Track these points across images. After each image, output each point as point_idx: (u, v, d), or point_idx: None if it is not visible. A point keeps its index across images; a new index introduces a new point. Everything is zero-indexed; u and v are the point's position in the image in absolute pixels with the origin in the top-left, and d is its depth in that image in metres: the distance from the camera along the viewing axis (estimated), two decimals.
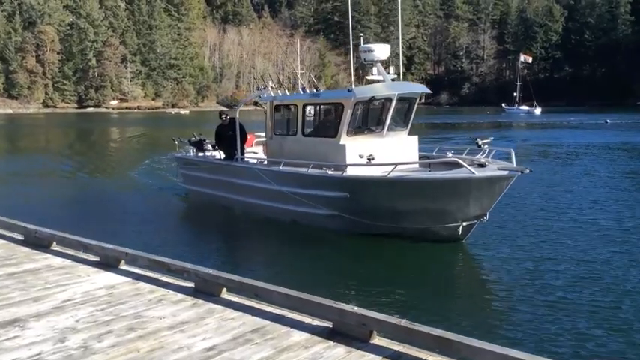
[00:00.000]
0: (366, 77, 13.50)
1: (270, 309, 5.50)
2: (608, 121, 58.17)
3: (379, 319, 4.69)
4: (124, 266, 7.03)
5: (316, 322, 5.14)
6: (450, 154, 13.40)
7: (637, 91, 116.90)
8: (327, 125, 13.86)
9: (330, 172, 12.25)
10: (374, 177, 11.69)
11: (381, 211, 11.59)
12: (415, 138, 13.88)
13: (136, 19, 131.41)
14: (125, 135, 53.19)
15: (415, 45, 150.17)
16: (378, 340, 4.74)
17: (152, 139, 46.53)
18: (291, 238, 12.71)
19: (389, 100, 13.14)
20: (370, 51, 13.51)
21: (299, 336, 4.89)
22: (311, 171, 12.47)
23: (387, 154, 12.70)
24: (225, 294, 5.90)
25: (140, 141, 46.10)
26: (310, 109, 14.10)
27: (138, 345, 4.72)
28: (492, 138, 13.11)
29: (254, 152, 16.45)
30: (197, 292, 5.99)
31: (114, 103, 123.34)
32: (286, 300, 5.36)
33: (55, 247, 7.97)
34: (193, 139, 17.51)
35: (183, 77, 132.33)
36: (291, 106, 14.28)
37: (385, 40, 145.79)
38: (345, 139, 12.89)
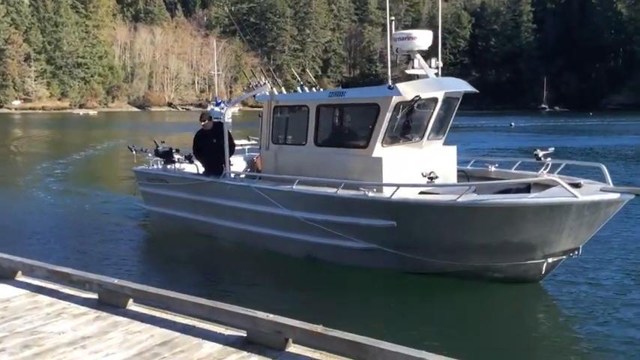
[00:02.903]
0: (405, 71, 10.73)
1: (180, 320, 5.23)
2: (512, 124, 61.13)
3: (294, 326, 4.56)
4: (20, 278, 6.54)
5: (229, 331, 4.94)
6: (492, 168, 11.37)
7: (539, 95, 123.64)
8: (354, 132, 11.06)
9: (370, 194, 9.48)
10: (437, 201, 9.08)
11: (441, 245, 9.14)
12: (454, 148, 11.31)
13: (41, 15, 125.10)
14: (27, 137, 50.39)
15: (331, 48, 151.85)
16: (293, 348, 4.61)
17: (56, 141, 44.26)
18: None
19: (433, 100, 10.57)
20: (409, 38, 10.55)
21: (211, 347, 4.67)
22: (343, 192, 9.66)
23: (425, 168, 10.28)
24: (131, 305, 5.57)
25: (45, 142, 43.76)
26: (328, 112, 11.08)
27: None
28: (553, 148, 10.83)
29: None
30: (101, 305, 5.63)
31: (16, 103, 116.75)
32: (197, 309, 5.12)
33: None
34: (159, 147, 13.77)
35: (91, 77, 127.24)
36: (300, 108, 11.44)
37: (302, 43, 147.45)
38: (379, 151, 10.10)
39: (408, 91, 9.90)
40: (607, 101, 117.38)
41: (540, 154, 10.64)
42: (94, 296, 5.80)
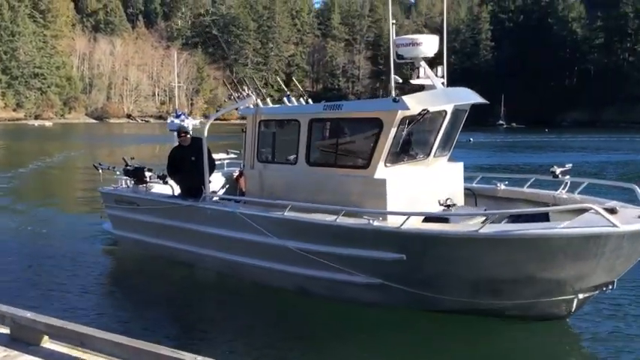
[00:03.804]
0: (410, 81, 9.56)
1: None
2: (471, 139, 61.76)
3: None
4: None
5: None
6: (502, 186, 10.42)
7: (496, 111, 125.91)
8: (353, 150, 9.77)
9: (376, 223, 8.26)
10: (455, 232, 7.93)
11: (457, 282, 8.09)
12: (460, 165, 10.31)
13: None
14: None
15: (294, 62, 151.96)
16: None
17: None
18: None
19: (442, 114, 9.51)
20: (414, 44, 9.29)
21: None
22: (343, 220, 8.51)
23: (431, 189, 9.42)
24: (47, 342, 4.98)
25: None
26: (323, 128, 9.95)
27: None
28: (570, 165, 9.98)
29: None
30: (13, 341, 5.01)
31: None
32: (119, 350, 4.57)
33: None
34: (128, 166, 12.20)
35: (48, 87, 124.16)
36: (290, 123, 10.22)
37: (265, 57, 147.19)
38: (382, 171, 8.95)
39: (415, 104, 8.66)
40: (562, 118, 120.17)
41: (557, 171, 9.75)
42: (6, 331, 5.18)
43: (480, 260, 7.76)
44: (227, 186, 12.58)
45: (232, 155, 13.71)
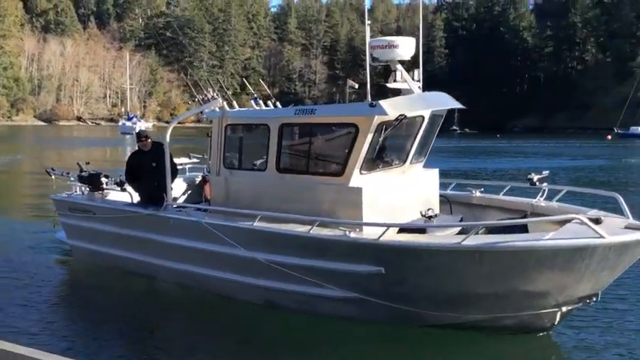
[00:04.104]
0: (387, 85, 9.27)
1: None
2: None
3: None
4: None
5: None
6: (477, 193, 10.21)
7: (450, 117, 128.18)
8: (327, 157, 9.45)
9: (353, 235, 7.95)
10: (438, 244, 7.61)
11: (439, 296, 7.81)
12: (436, 172, 9.99)
13: None
14: None
15: (250, 66, 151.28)
16: None
17: None
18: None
19: (419, 119, 9.26)
20: (390, 46, 8.95)
21: None
22: (318, 232, 8.09)
23: (408, 196, 9.12)
24: None
25: None
26: (294, 133, 9.53)
27: None
28: (547, 172, 9.84)
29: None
30: None
31: None
32: None
33: None
34: (84, 172, 11.55)
35: None
36: (259, 127, 9.74)
37: (220, 60, 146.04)
38: (357, 179, 8.59)
39: (392, 108, 8.35)
40: (513, 124, 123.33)
41: (535, 178, 9.59)
42: None
43: (463, 273, 7.48)
44: (190, 192, 12.08)
45: (195, 160, 13.20)
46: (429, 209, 8.66)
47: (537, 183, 9.55)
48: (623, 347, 7.81)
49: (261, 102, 10.33)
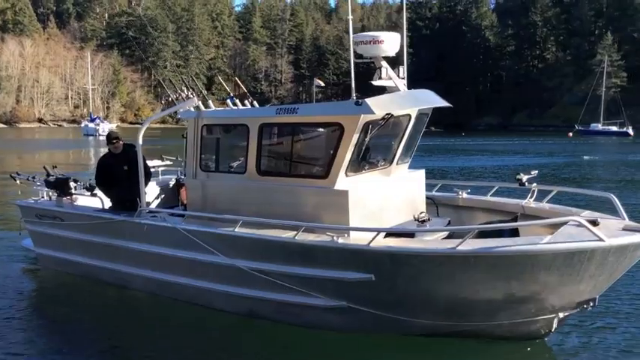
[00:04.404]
0: (371, 82, 8.79)
1: None
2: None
3: None
4: None
5: None
6: (464, 194, 9.95)
7: None
8: (310, 158, 9.09)
9: (341, 241, 7.51)
10: (431, 250, 7.23)
11: (432, 303, 7.48)
12: (422, 173, 9.72)
13: None
14: None
15: (215, 65, 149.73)
16: None
17: None
18: None
19: (406, 118, 8.97)
20: (375, 42, 8.54)
21: None
22: (303, 238, 7.74)
23: (394, 199, 8.83)
24: None
25: None
26: (275, 133, 9.11)
27: None
28: (536, 172, 9.55)
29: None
30: None
31: None
32: None
33: None
34: (51, 176, 11.10)
35: None
36: (237, 128, 9.33)
37: (184, 59, 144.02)
38: (343, 181, 8.21)
39: (379, 107, 7.95)
40: (477, 122, 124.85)
41: (524, 178, 9.30)
42: None
43: (457, 279, 7.16)
44: (163, 197, 11.69)
45: (168, 162, 12.81)
46: (421, 213, 8.51)
47: (526, 183, 9.29)
48: (620, 350, 7.72)
49: (237, 101, 9.95)
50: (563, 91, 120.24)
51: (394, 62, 9.03)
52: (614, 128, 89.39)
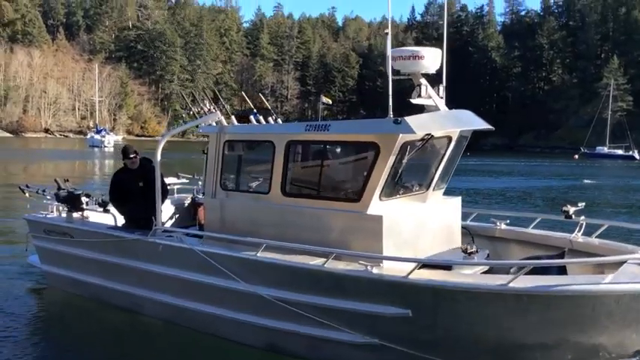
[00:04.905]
0: (410, 100, 8.13)
1: None
2: None
3: None
4: None
5: None
6: (502, 225, 9.25)
7: None
8: (341, 180, 8.42)
9: (376, 271, 6.84)
10: (479, 286, 6.52)
11: (476, 344, 6.73)
12: (458, 200, 8.96)
13: None
14: None
15: (222, 80, 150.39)
16: None
17: None
18: None
19: (447, 140, 8.27)
20: (415, 57, 7.89)
21: None
22: (334, 267, 7.07)
23: (430, 227, 8.16)
24: None
25: None
26: (303, 152, 8.48)
27: None
28: (584, 204, 8.93)
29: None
30: None
31: None
32: None
33: None
34: (62, 190, 10.42)
35: None
36: (262, 144, 8.76)
37: (192, 74, 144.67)
38: (377, 206, 7.54)
39: (419, 126, 7.25)
40: (483, 142, 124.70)
41: (571, 210, 8.59)
42: None
43: (506, 320, 6.44)
44: (178, 216, 11.15)
45: (184, 180, 12.26)
46: (468, 244, 7.88)
47: (573, 216, 8.58)
48: None
49: (260, 117, 9.41)
50: (569, 113, 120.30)
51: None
52: (620, 152, 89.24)
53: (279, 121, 9.75)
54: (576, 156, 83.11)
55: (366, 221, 7.47)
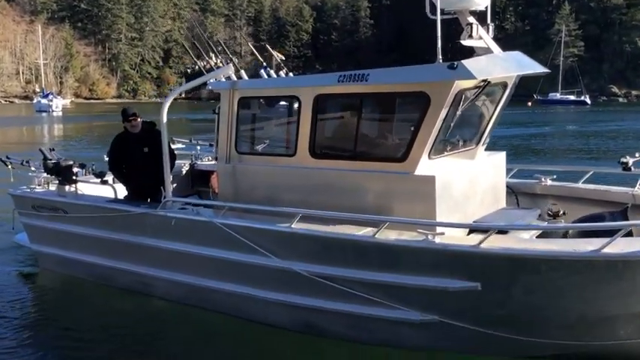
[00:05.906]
0: (460, 42, 7.13)
1: None
2: None
3: None
4: None
5: None
6: (548, 182, 8.44)
7: None
8: (383, 137, 7.50)
9: (438, 240, 6.02)
10: (564, 253, 5.70)
11: (555, 319, 6.03)
12: (503, 156, 8.08)
13: None
14: None
15: (172, 38, 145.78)
16: None
17: None
18: None
19: (501, 86, 7.39)
20: None
21: None
22: (385, 237, 6.24)
23: (478, 187, 7.35)
24: None
25: None
26: (335, 107, 7.62)
27: None
28: None
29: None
30: None
31: None
32: None
33: None
34: (50, 160, 9.26)
35: None
36: (284, 100, 7.96)
37: (140, 32, 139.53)
38: (426, 165, 6.72)
39: (478, 71, 6.32)
40: None
41: (630, 161, 7.84)
42: None
43: (593, 290, 5.75)
44: (175, 185, 9.93)
45: (179, 145, 11.35)
46: (552, 204, 7.09)
47: (633, 168, 7.84)
48: None
49: (272, 72, 8.48)
50: None
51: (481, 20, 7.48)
52: (572, 97, 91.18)
53: (291, 75, 8.95)
54: (530, 103, 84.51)
55: (415, 183, 6.62)
